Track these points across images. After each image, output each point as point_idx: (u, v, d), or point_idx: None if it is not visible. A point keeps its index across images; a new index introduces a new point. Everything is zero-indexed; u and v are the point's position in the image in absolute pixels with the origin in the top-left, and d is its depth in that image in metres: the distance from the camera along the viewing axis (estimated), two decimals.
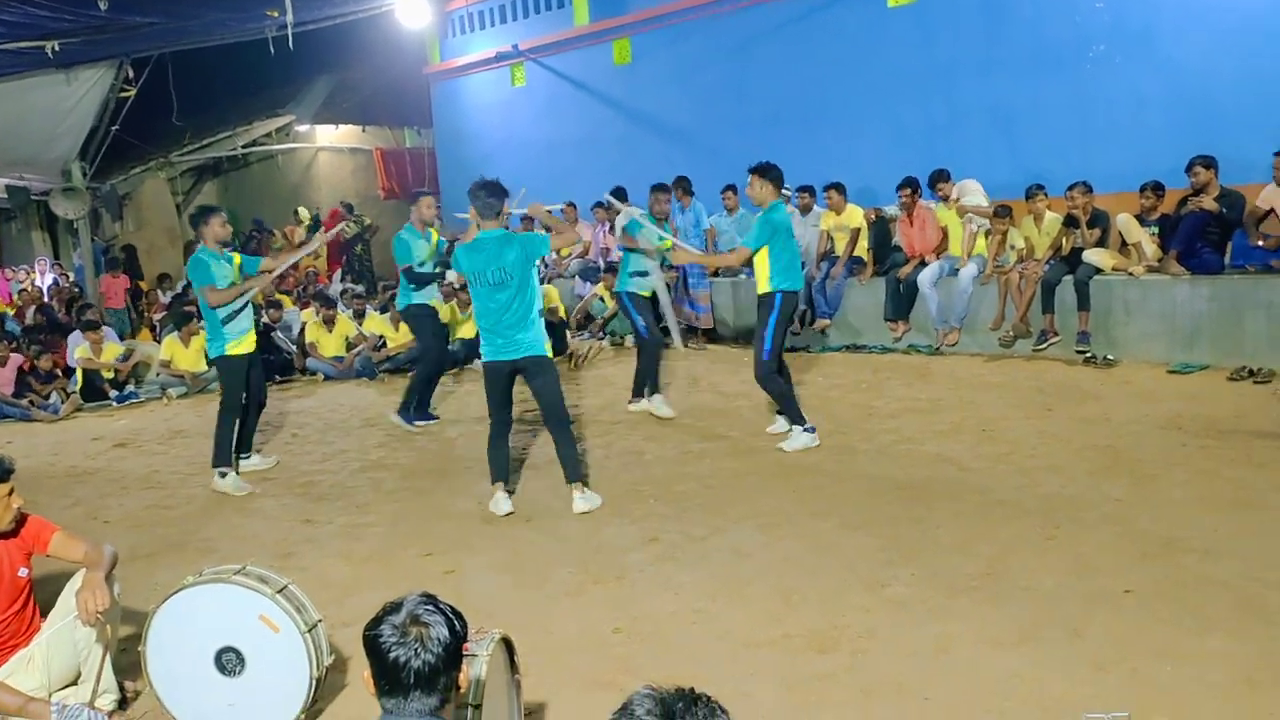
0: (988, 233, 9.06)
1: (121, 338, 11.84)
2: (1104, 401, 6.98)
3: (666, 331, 7.86)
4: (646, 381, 7.57)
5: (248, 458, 6.78)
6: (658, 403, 7.51)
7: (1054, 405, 6.98)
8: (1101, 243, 8.35)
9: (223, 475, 6.34)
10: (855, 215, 9.93)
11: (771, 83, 11.68)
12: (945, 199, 9.35)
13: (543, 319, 5.47)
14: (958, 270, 9.13)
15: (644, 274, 7.37)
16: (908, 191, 9.40)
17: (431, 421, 7.80)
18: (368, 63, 17.86)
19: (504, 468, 5.63)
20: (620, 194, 9.27)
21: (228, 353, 6.27)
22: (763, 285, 6.26)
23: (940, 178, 9.35)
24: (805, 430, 6.36)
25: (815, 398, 7.79)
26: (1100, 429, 6.28)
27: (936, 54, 10.29)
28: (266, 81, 17.44)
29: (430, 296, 7.61)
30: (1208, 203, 7.67)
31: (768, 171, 6.25)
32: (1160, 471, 5.33)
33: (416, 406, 7.73)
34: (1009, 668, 3.39)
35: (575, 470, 5.53)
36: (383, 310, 11.24)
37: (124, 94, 13.04)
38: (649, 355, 7.46)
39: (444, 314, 8.35)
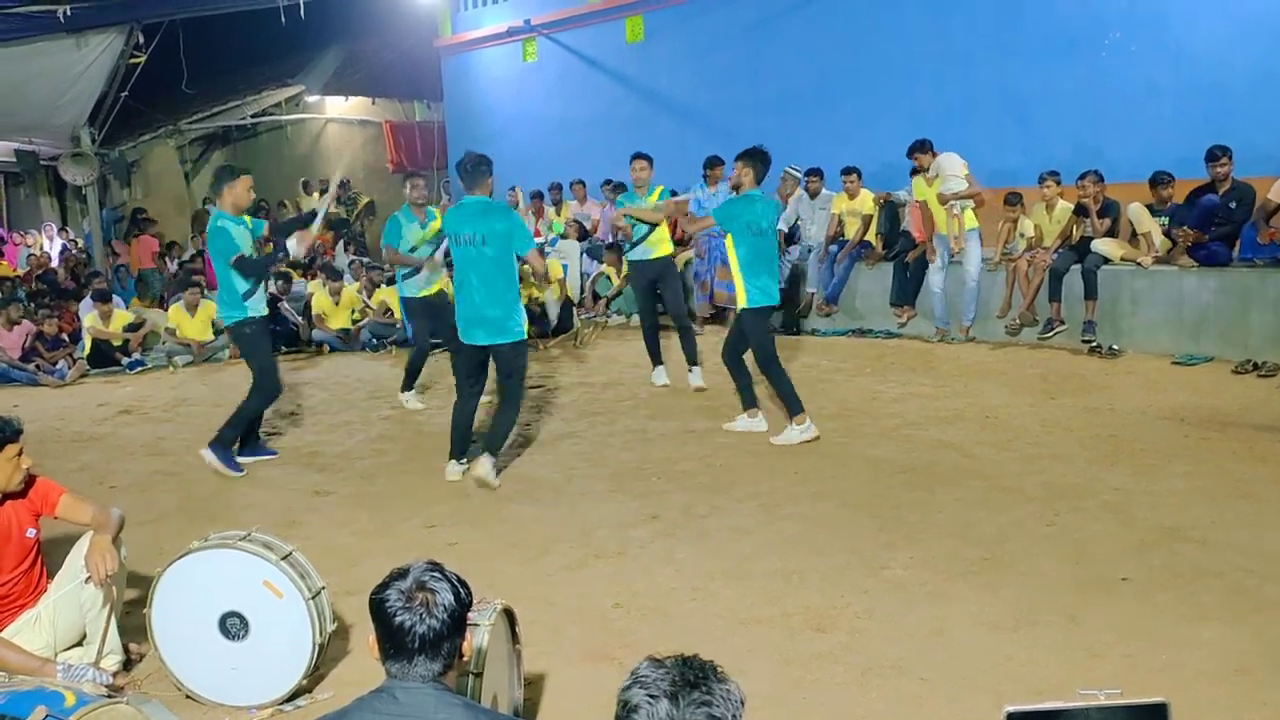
0: (975, 210, 8.64)
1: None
2: (1108, 391, 6.99)
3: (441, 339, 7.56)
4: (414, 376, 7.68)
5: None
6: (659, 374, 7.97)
7: (1058, 394, 6.99)
8: (1111, 232, 8.33)
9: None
10: (867, 201, 9.88)
11: (785, 64, 11.61)
12: (921, 170, 8.90)
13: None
14: (956, 260, 8.89)
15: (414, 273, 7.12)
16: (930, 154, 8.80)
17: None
18: (379, 35, 17.77)
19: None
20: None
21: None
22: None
23: (917, 148, 8.81)
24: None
25: (819, 381, 7.80)
26: (1103, 418, 6.29)
27: (951, 38, 10.22)
28: (277, 51, 17.36)
29: (419, 289, 7.13)
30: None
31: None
32: (1161, 462, 5.35)
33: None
34: (1004, 651, 3.42)
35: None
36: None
37: (134, 60, 12.98)
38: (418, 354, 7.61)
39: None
